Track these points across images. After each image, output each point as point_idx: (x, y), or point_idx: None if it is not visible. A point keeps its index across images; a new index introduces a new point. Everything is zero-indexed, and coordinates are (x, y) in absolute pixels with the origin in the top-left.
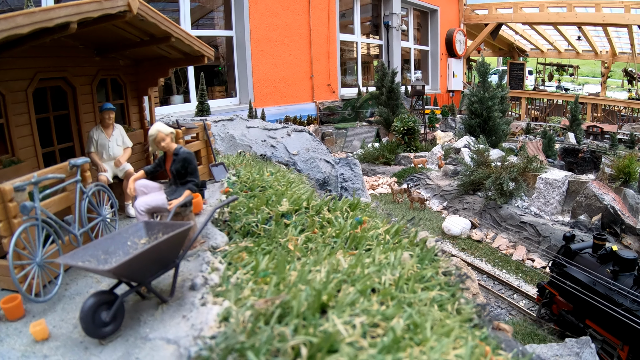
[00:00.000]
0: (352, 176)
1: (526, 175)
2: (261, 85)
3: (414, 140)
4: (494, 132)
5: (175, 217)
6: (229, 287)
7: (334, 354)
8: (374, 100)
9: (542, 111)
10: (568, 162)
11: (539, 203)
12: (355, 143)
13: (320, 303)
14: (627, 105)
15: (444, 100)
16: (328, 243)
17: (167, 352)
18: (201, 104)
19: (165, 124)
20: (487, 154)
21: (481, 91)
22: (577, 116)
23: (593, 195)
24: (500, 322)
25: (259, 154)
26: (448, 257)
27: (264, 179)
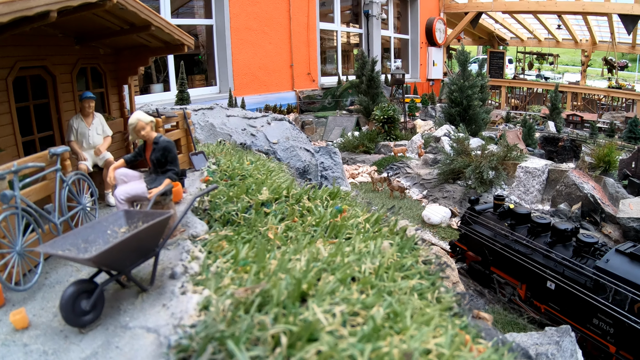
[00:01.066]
0: (332, 165)
1: (506, 164)
2: (241, 74)
3: (394, 129)
4: (474, 121)
5: (155, 205)
6: (209, 275)
7: (314, 343)
8: (354, 89)
9: (522, 100)
10: (548, 150)
11: (519, 192)
12: (335, 132)
13: (300, 292)
14: (607, 94)
15: (424, 89)
16: (308, 232)
17: (147, 341)
18: (181, 92)
19: (145, 112)
20: (467, 142)
21: (461, 80)
22: (557, 105)
23: (573, 184)
24: (480, 311)
25: (239, 142)
26: (428, 246)
27: (244, 167)
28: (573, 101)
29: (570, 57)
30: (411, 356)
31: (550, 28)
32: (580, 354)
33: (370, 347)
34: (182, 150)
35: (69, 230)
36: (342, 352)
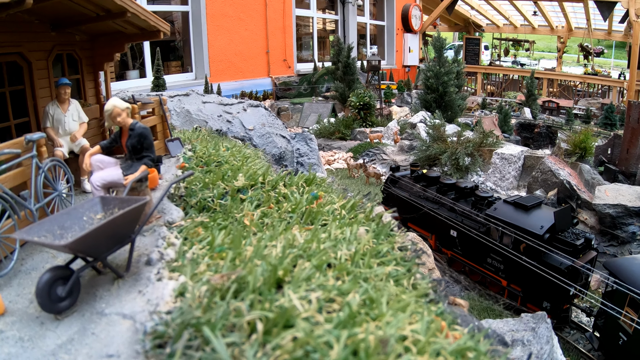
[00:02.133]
0: (308, 151)
1: (482, 150)
2: (217, 60)
3: (369, 115)
4: (450, 107)
5: (131, 192)
6: (184, 262)
7: (289, 329)
8: (330, 76)
9: (498, 86)
10: (524, 137)
11: (494, 178)
12: (311, 118)
13: (276, 278)
14: (583, 80)
15: (399, 76)
16: (284, 218)
17: (123, 327)
18: (157, 79)
19: (121, 99)
20: (443, 129)
21: (437, 66)
22: (533, 91)
23: (549, 171)
24: (456, 298)
25: (214, 129)
26: (404, 233)
27: (219, 154)
28: (549, 87)
29: (546, 44)
30: (387, 342)
31: (526, 14)
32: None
33: (346, 334)
34: (158, 137)
35: (44, 216)
36: (318, 339)
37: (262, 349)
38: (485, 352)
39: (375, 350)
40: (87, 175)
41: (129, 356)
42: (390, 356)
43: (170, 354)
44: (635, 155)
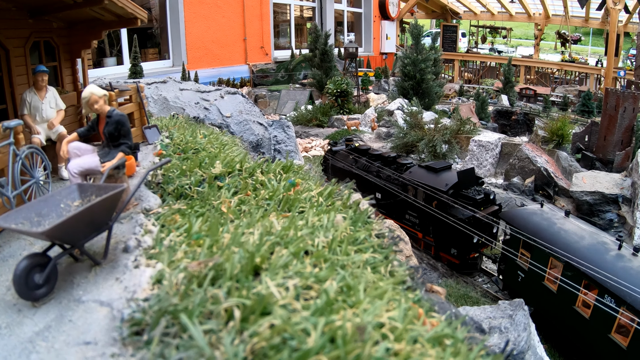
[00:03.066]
0: (286, 138)
1: (459, 137)
2: (194, 47)
3: (347, 102)
4: (427, 95)
5: (108, 179)
6: (162, 249)
7: (267, 317)
8: (307, 63)
9: (475, 73)
10: (501, 124)
11: (472, 165)
12: (288, 105)
13: (253, 265)
14: (560, 67)
15: (377, 63)
16: (261, 205)
17: (100, 315)
18: (134, 66)
19: (98, 86)
20: (420, 116)
21: (414, 53)
22: (510, 78)
23: (526, 158)
24: (434, 285)
25: (192, 116)
26: (381, 220)
27: (197, 141)
28: (526, 75)
29: (523, 31)
30: (364, 330)
31: (503, 1)
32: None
33: (324, 321)
34: (135, 124)
35: (22, 204)
36: (295, 326)
37: (239, 336)
38: (462, 339)
39: (352, 337)
40: (64, 163)
41: (106, 343)
42: (368, 343)
43: (148, 341)
44: (612, 143)
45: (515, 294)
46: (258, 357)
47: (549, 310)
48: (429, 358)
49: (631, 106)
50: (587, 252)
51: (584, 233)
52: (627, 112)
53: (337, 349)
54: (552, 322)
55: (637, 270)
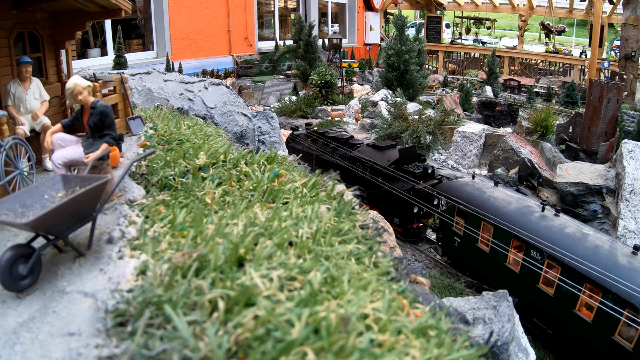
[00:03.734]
0: (270, 129)
1: (443, 128)
2: (178, 38)
3: (331, 93)
4: (411, 86)
5: (92, 170)
6: (146, 240)
7: (251, 307)
8: (291, 54)
9: (460, 64)
10: (485, 115)
11: (456, 156)
12: (272, 96)
13: (237, 256)
14: (544, 58)
15: (361, 54)
16: (245, 196)
17: (84, 306)
18: (118, 57)
19: (82, 77)
20: (405, 107)
21: (398, 44)
22: (494, 69)
23: (510, 149)
24: (418, 276)
25: (176, 107)
26: (365, 211)
27: (181, 132)
28: (510, 66)
29: (507, 22)
30: (348, 321)
31: None
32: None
33: (308, 312)
34: (119, 115)
35: (6, 194)
36: (279, 317)
37: (223, 327)
38: (446, 331)
39: (336, 328)
40: (48, 154)
41: (90, 334)
42: (352, 334)
43: (132, 332)
44: (596, 134)
45: (453, 259)
46: (242, 348)
47: (482, 269)
48: (413, 349)
49: (615, 97)
50: (514, 215)
51: (511, 199)
52: (611, 103)
53: (321, 340)
54: (485, 278)
55: (558, 228)
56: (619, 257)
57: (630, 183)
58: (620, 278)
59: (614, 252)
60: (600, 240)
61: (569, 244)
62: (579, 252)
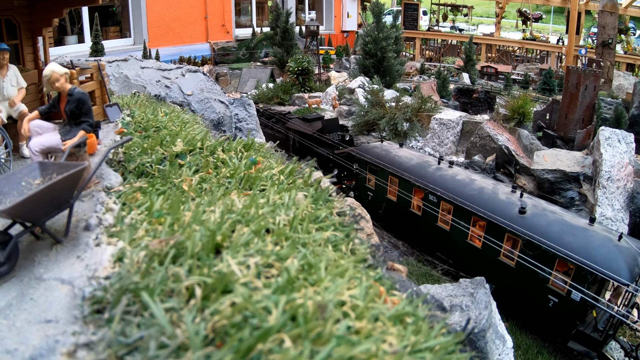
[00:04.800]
0: (247, 116)
1: (420, 115)
2: (155, 25)
3: (308, 80)
4: (389, 73)
5: (69, 157)
6: (123, 227)
7: (228, 295)
8: (268, 41)
9: (437, 52)
10: (462, 102)
11: (433, 143)
12: (249, 83)
13: (214, 243)
14: (522, 45)
15: (338, 41)
16: (222, 183)
17: (61, 293)
18: (95, 44)
19: (59, 64)
20: (382, 94)
21: (375, 31)
22: (471, 56)
23: (487, 136)
24: (395, 263)
25: (153, 94)
26: (342, 198)
27: (158, 119)
28: (487, 53)
29: (484, 9)
30: (325, 308)
31: None
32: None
33: (285, 299)
34: (96, 102)
35: None
36: (256, 304)
37: (200, 314)
38: (423, 318)
39: (313, 315)
40: (25, 141)
41: (68, 321)
42: (329, 321)
43: (109, 319)
44: (573, 121)
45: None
46: (219, 335)
47: (392, 217)
48: (390, 336)
49: (592, 84)
50: (415, 168)
51: (413, 156)
52: (589, 90)
53: (298, 327)
54: (395, 223)
55: (450, 176)
56: (499, 194)
57: (607, 170)
58: (498, 211)
59: (495, 191)
60: (485, 183)
61: (459, 187)
62: (466, 193)
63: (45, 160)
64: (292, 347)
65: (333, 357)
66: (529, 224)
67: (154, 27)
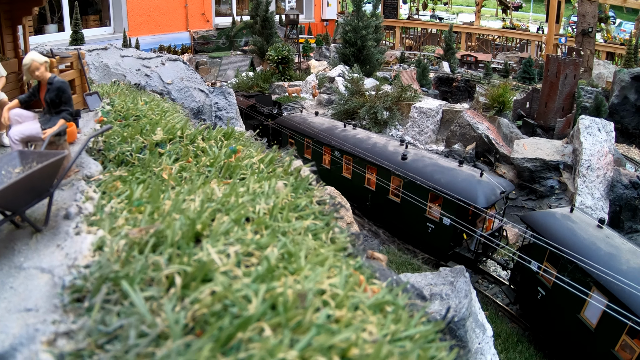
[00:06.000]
0: (227, 105)
1: (400, 104)
2: (135, 14)
3: (288, 69)
4: (369, 61)
5: (49, 146)
6: (103, 216)
7: (208, 283)
8: (248, 30)
9: (417, 40)
10: (442, 91)
11: (413, 132)
12: (229, 72)
13: (194, 232)
14: (501, 34)
15: (318, 30)
16: (202, 172)
17: (41, 281)
18: (75, 33)
19: (39, 53)
20: (362, 83)
21: (355, 20)
22: (451, 45)
23: (467, 125)
24: (375, 252)
25: (133, 83)
26: (322, 186)
27: (138, 108)
28: (467, 41)
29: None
30: (305, 296)
31: None
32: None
33: (265, 288)
34: (76, 91)
35: None
36: (236, 293)
37: (180, 302)
38: (403, 306)
39: (293, 304)
40: (5, 130)
41: (48, 310)
42: (309, 310)
43: (89, 308)
44: (553, 109)
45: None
46: (199, 323)
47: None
48: (370, 325)
49: (572, 73)
50: (325, 131)
51: (324, 122)
52: (568, 79)
53: (278, 315)
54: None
55: (352, 135)
56: (389, 147)
57: (587, 159)
58: (386, 158)
59: (386, 145)
60: (378, 140)
61: (357, 143)
62: (363, 147)
63: (26, 149)
64: (272, 335)
65: (313, 346)
66: (409, 167)
67: (134, 15)
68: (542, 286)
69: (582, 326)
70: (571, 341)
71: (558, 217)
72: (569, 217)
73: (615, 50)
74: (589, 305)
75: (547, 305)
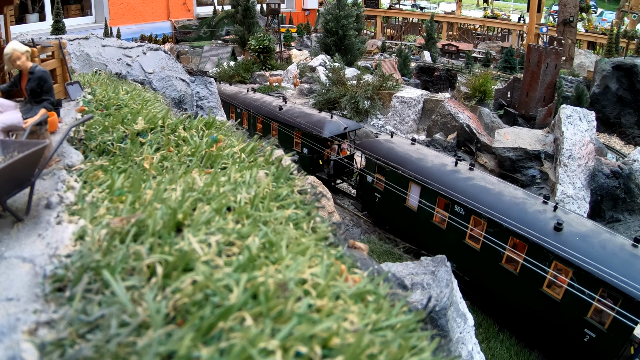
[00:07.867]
0: (208, 95)
1: (382, 93)
2: (117, 3)
3: (269, 58)
4: (350, 51)
5: (30, 135)
6: (84, 205)
7: (189, 273)
8: (230, 19)
9: (398, 30)
10: (424, 80)
11: (394, 121)
12: (210, 61)
13: (175, 222)
14: (483, 23)
15: (299, 19)
16: (183, 162)
17: (22, 271)
18: (57, 22)
19: (20, 42)
20: (343, 72)
21: (337, 9)
22: (432, 35)
23: (448, 114)
24: (356, 241)
25: (114, 72)
26: (303, 176)
27: (119, 97)
28: (449, 31)
29: None
30: (286, 286)
31: None
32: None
33: (246, 277)
34: (57, 80)
35: None
36: (217, 282)
37: (161, 292)
38: (384, 296)
39: (274, 293)
40: None
41: (29, 299)
42: (290, 300)
43: (70, 297)
44: (534, 99)
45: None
46: (180, 313)
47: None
48: (351, 314)
49: (553, 62)
50: (262, 106)
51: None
52: (550, 68)
53: (259, 305)
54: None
55: (285, 110)
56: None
57: (568, 148)
58: (313, 125)
59: (311, 113)
60: (308, 111)
61: (287, 115)
62: (293, 118)
63: (7, 139)
64: (253, 325)
65: (294, 335)
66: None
67: (115, 5)
68: (378, 192)
69: (408, 210)
70: (398, 223)
71: (382, 141)
72: (390, 140)
73: (597, 40)
74: (410, 196)
75: (383, 204)
